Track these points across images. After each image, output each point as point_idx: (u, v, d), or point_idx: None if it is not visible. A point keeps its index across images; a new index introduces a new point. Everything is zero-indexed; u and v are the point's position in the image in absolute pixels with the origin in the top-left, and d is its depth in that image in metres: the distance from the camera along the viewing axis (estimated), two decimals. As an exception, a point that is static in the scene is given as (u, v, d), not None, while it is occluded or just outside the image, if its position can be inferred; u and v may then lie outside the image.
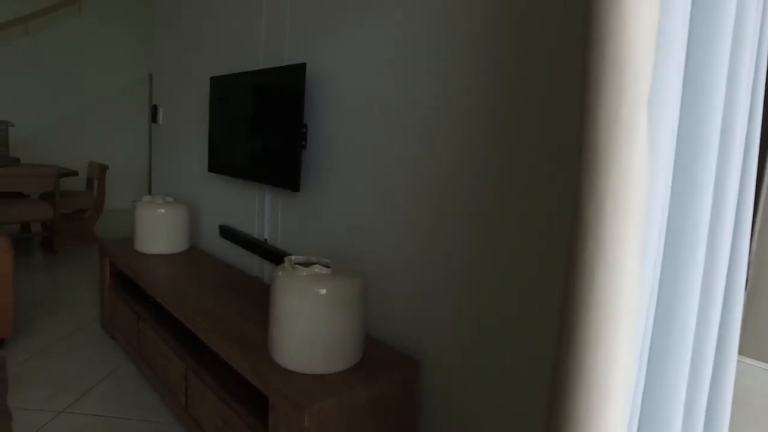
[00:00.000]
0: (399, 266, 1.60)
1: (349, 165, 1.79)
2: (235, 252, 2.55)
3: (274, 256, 2.18)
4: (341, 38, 1.80)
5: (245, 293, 2.04)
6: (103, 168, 4.72)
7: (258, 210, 2.35)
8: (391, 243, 1.63)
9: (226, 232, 2.55)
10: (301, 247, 2.08)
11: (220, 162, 2.48)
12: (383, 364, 1.46)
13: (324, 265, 1.41)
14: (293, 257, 1.43)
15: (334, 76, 1.85)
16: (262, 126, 2.13)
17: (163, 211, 2.49)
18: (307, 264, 1.44)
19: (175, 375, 1.90)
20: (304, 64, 1.82)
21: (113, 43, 6.39)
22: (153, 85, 3.52)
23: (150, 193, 6.93)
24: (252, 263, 2.41)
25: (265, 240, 2.30)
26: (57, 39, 6.08)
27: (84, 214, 4.89)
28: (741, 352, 1.22)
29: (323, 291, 1.30)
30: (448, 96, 1.41)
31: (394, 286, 1.63)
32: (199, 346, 1.90)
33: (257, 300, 1.97)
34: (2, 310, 2.39)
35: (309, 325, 1.30)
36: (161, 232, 2.50)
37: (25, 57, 5.93)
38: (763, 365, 1.28)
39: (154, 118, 3.45)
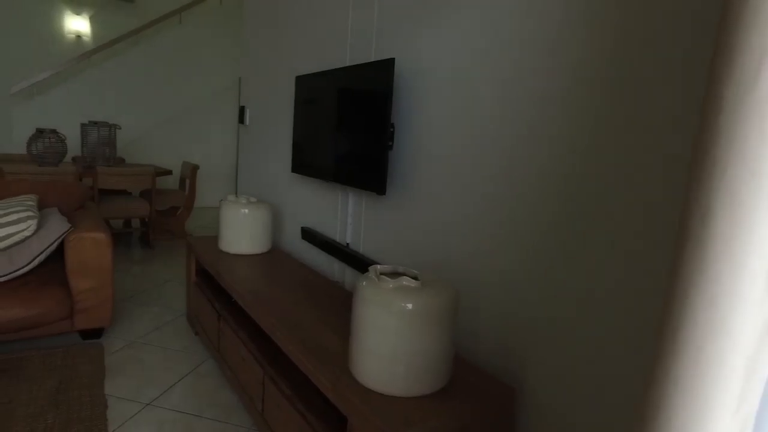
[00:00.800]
0: (493, 278, 1.44)
1: (439, 167, 1.66)
2: (316, 255, 2.51)
3: (356, 262, 2.09)
4: (433, 30, 1.68)
5: (325, 299, 1.97)
6: (195, 168, 4.94)
7: (341, 212, 2.28)
8: (485, 253, 1.47)
9: (308, 234, 2.51)
10: (384, 253, 1.98)
11: (304, 162, 2.45)
12: (474, 389, 1.30)
13: (412, 277, 1.29)
14: (379, 267, 1.31)
15: (423, 72, 1.73)
16: (347, 125, 2.06)
17: (246, 211, 2.50)
18: (393, 274, 1.33)
19: (253, 379, 1.86)
20: (392, 60, 1.71)
21: (208, 50, 6.73)
22: (241, 87, 3.60)
23: (236, 191, 7.22)
24: (333, 267, 2.35)
25: (347, 244, 2.22)
26: (159, 48, 6.51)
27: (177, 211, 5.15)
28: None
29: (410, 306, 1.17)
30: (553, 95, 1.23)
31: (486, 301, 1.47)
32: (278, 351, 1.85)
33: (338, 307, 1.89)
34: (102, 301, 2.51)
35: (394, 343, 1.19)
36: (244, 232, 2.51)
37: (133, 66, 6.40)
38: None
39: (241, 119, 3.52)
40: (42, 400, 2.04)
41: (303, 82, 2.44)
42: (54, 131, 4.18)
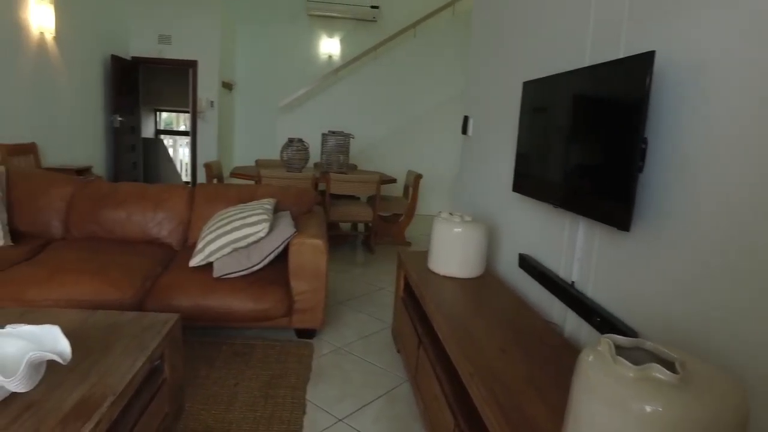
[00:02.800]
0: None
1: (716, 199, 1.18)
2: (533, 287, 2.17)
3: (581, 306, 1.70)
4: (719, 10, 1.20)
5: (538, 347, 1.64)
6: (418, 177, 5.01)
7: (567, 244, 1.90)
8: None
9: (526, 264, 2.18)
10: (619, 303, 1.54)
11: (527, 181, 2.13)
12: None
13: (667, 361, 0.89)
14: (615, 338, 0.95)
15: (697, 69, 1.25)
16: (582, 140, 1.68)
17: (459, 230, 2.30)
18: (635, 350, 0.95)
19: (443, 426, 1.64)
20: (650, 54, 1.29)
21: (438, 61, 6.85)
22: (466, 96, 3.44)
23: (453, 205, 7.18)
24: (552, 307, 1.98)
25: (573, 282, 1.83)
26: (394, 62, 6.88)
27: (399, 218, 5.32)
28: None
29: (664, 413, 0.79)
30: None
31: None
32: (474, 403, 1.59)
33: (552, 361, 1.53)
34: (316, 304, 2.62)
35: (631, 462, 0.81)
36: (455, 253, 2.31)
37: (370, 80, 6.91)
38: None
39: (464, 129, 3.36)
40: (257, 391, 2.19)
41: (530, 89, 2.13)
42: (300, 140, 4.69)
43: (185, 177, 8.66)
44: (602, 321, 1.55)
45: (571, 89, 1.77)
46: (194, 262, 2.54)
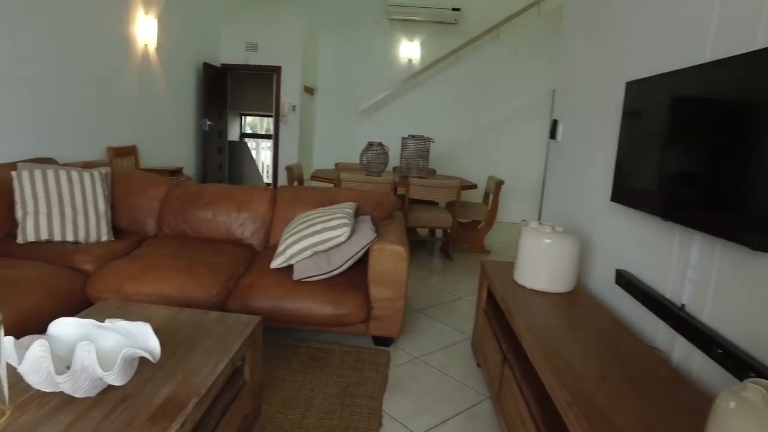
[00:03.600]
0: None
1: None
2: (633, 308, 1.97)
3: (694, 333, 1.50)
4: None
5: (642, 375, 1.46)
6: (499, 183, 4.82)
7: (677, 261, 1.69)
8: None
9: (625, 281, 1.99)
10: (748, 336, 1.34)
11: (628, 190, 1.94)
12: None
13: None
14: (764, 383, 0.79)
15: None
16: (698, 146, 1.49)
17: (549, 241, 2.14)
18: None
19: (535, 457, 1.51)
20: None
21: (522, 64, 6.58)
22: (554, 99, 3.24)
23: (539, 213, 6.87)
24: (656, 331, 1.78)
25: (683, 306, 1.63)
26: (475, 65, 6.70)
27: (478, 225, 5.15)
28: None
29: None
30: None
31: None
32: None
33: (660, 395, 1.36)
34: (395, 312, 2.56)
35: None
36: (545, 266, 2.16)
37: (449, 82, 6.78)
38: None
39: (552, 134, 3.17)
40: (333, 398, 2.16)
41: (636, 89, 1.93)
42: (380, 144, 4.67)
43: (266, 178, 8.98)
44: (725, 354, 1.35)
45: (685, 89, 1.58)
46: (275, 264, 2.56)
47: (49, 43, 3.58)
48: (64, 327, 1.40)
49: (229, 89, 7.23)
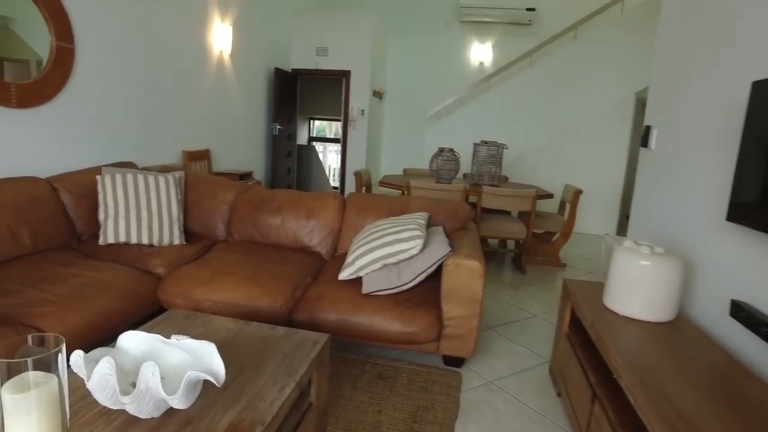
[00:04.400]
0: None
1: None
2: (753, 346, 1.68)
3: None
4: None
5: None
6: (578, 193, 4.51)
7: (820, 297, 1.41)
8: None
9: (745, 315, 1.71)
10: None
11: (752, 209, 1.66)
12: None
13: None
14: None
15: None
16: None
17: (647, 264, 1.89)
18: None
19: None
20: None
21: (601, 65, 6.18)
22: (648, 103, 2.94)
23: (617, 224, 6.41)
24: (787, 376, 1.50)
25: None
26: (551, 67, 6.36)
27: (552, 237, 4.85)
28: None
29: None
30: None
31: None
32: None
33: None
34: (467, 332, 2.38)
35: None
36: (641, 292, 1.91)
37: (524, 87, 6.48)
38: None
39: (644, 141, 2.87)
40: (401, 423, 2.02)
41: (765, 90, 1.65)
42: (451, 150, 4.50)
43: (333, 181, 9.03)
44: None
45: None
46: (343, 275, 2.47)
47: (132, 52, 3.71)
48: (131, 340, 1.36)
49: (299, 94, 7.32)
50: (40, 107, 3.01)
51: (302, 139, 9.31)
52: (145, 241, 2.90)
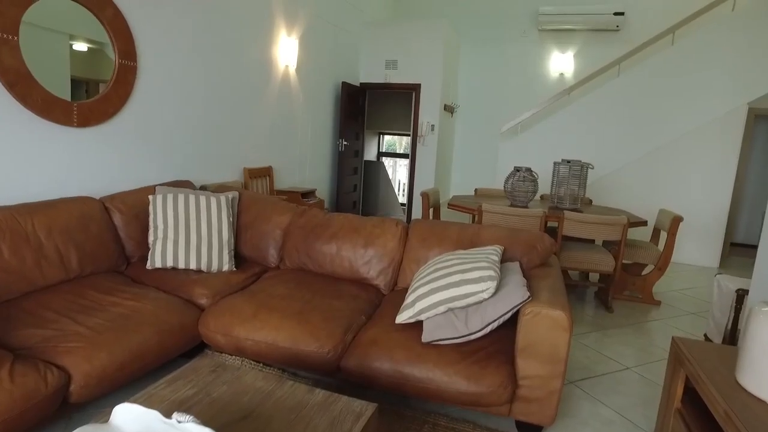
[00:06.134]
0: None
1: None
2: None
3: None
4: None
5: None
6: (677, 220, 3.89)
7: None
8: None
9: None
10: None
11: None
12: None
13: None
14: None
15: None
16: None
17: (806, 334, 1.40)
18: None
19: None
20: None
21: (703, 73, 5.44)
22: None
23: (723, 257, 5.59)
24: None
25: None
26: (642, 76, 5.71)
27: (642, 268, 4.25)
28: None
29: None
30: None
31: None
32: None
33: None
34: (548, 395, 1.96)
35: None
36: (797, 371, 1.42)
37: (608, 98, 5.86)
38: None
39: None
40: None
41: None
42: (529, 170, 4.06)
43: (402, 197, 8.74)
44: None
45: None
46: (401, 318, 2.13)
47: (194, 68, 3.63)
48: (127, 415, 1.10)
49: (367, 108, 7.12)
50: (101, 125, 2.95)
51: (371, 154, 9.12)
52: (193, 266, 2.73)
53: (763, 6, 5.20)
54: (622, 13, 6.55)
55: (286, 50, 4.76)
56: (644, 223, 3.90)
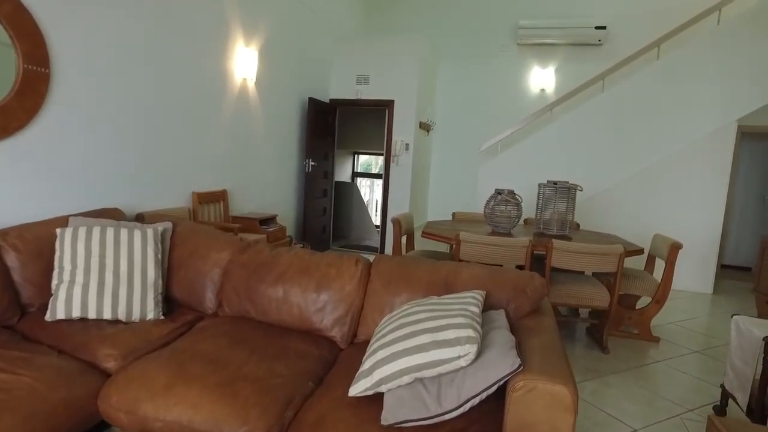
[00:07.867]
0: None
1: None
2: None
3: None
4: None
5: None
6: (675, 246, 3.51)
7: None
8: None
9: None
10: None
11: None
12: None
13: None
14: None
15: None
16: None
17: None
18: None
19: None
20: None
21: (690, 88, 5.15)
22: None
23: (714, 281, 5.25)
24: None
25: None
26: (627, 91, 5.40)
27: (636, 300, 3.84)
28: None
29: None
30: None
31: None
32: None
33: None
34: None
35: None
36: None
37: (591, 115, 5.54)
38: None
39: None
40: None
41: None
42: (511, 192, 3.64)
43: (377, 220, 8.29)
44: None
45: None
46: (356, 390, 1.64)
47: (131, 78, 3.14)
48: None
49: (339, 126, 6.69)
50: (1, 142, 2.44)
51: (344, 175, 8.67)
52: (107, 315, 2.21)
53: (748, 20, 4.97)
54: (603, 27, 6.30)
55: (243, 62, 4.32)
56: (640, 251, 3.50)
